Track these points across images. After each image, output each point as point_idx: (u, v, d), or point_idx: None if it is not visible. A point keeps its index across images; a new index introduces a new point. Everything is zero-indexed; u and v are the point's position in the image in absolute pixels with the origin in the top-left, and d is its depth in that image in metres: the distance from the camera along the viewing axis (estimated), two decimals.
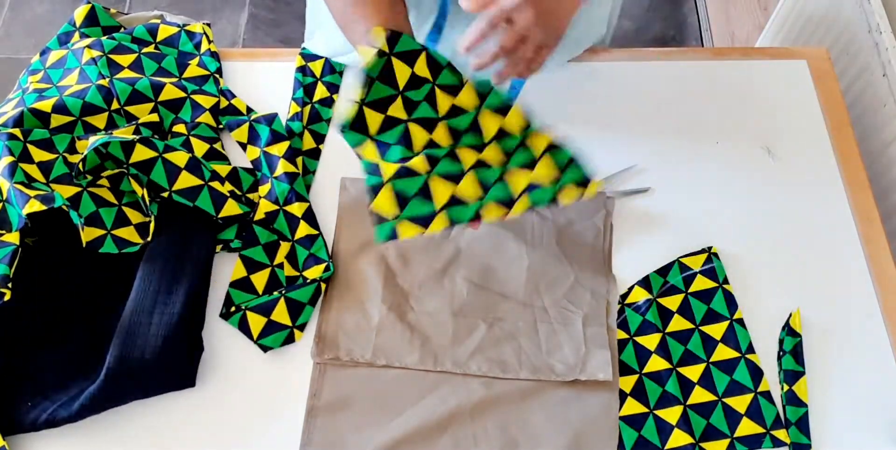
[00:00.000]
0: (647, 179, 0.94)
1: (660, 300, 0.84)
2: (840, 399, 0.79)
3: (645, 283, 0.85)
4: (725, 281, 0.85)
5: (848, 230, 0.90)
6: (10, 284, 0.78)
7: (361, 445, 0.76)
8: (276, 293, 0.83)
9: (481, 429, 0.77)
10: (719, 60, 1.04)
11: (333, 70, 1.02)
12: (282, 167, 0.91)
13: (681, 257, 0.87)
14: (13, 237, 0.81)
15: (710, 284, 0.84)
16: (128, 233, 0.85)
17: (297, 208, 0.88)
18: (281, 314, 0.82)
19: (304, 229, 0.87)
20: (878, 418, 0.78)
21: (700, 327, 0.82)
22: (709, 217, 0.91)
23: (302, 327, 0.83)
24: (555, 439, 0.76)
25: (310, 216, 0.88)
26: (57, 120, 0.90)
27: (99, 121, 0.93)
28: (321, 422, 0.78)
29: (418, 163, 0.74)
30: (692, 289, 0.84)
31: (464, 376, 0.80)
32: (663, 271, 0.86)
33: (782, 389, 0.79)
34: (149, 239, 0.84)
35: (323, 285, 0.84)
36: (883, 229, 0.89)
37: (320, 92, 1.00)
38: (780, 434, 0.76)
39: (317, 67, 1.02)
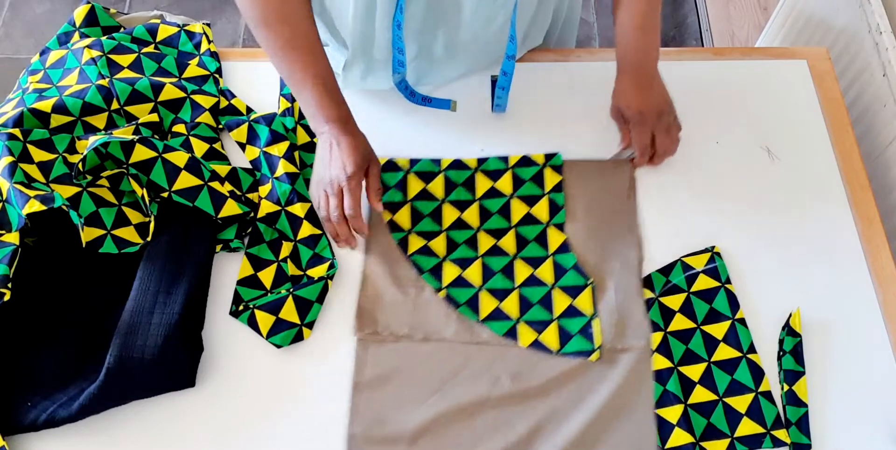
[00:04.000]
0: (646, 178, 0.94)
1: (662, 299, 0.84)
2: (840, 399, 0.79)
3: (647, 282, 0.85)
4: (728, 281, 0.85)
5: (848, 230, 0.90)
6: (10, 284, 0.78)
7: (404, 420, 0.77)
8: (283, 291, 0.83)
9: (521, 396, 0.78)
10: (719, 60, 1.04)
11: None
12: (282, 167, 0.91)
13: (683, 257, 0.87)
14: (13, 237, 0.80)
15: (712, 283, 0.84)
16: (128, 233, 0.85)
17: (299, 209, 0.88)
18: (289, 312, 0.82)
19: (307, 229, 0.87)
20: (878, 418, 0.78)
21: (702, 327, 0.82)
22: (709, 217, 0.91)
23: (310, 325, 0.83)
24: (594, 402, 0.77)
25: (312, 216, 0.88)
26: (57, 120, 0.90)
27: (99, 121, 0.93)
28: (366, 398, 0.79)
29: (439, 245, 0.88)
30: (694, 288, 0.84)
31: (502, 346, 0.82)
32: (665, 271, 0.86)
33: (782, 389, 0.79)
34: (149, 239, 0.84)
35: (330, 283, 0.85)
36: (883, 229, 0.89)
37: None
38: (781, 434, 0.76)
39: None
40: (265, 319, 0.81)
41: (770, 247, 0.88)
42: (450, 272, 0.86)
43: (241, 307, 0.84)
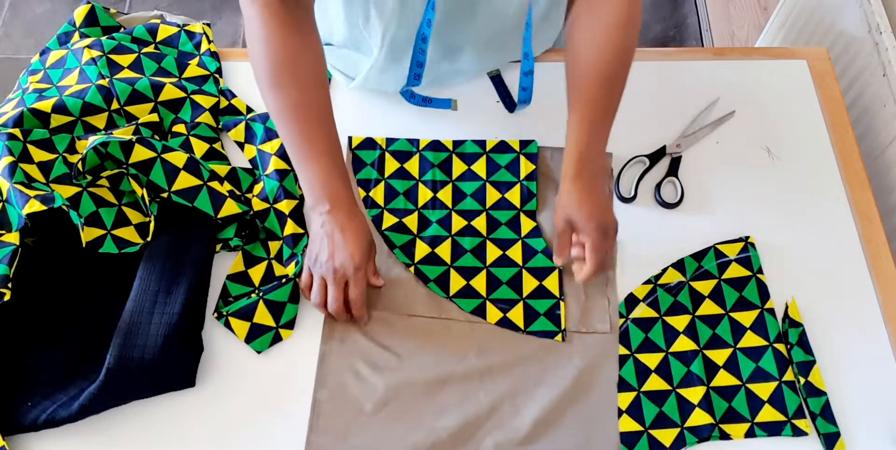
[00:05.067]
0: (646, 178, 0.94)
1: (692, 284, 0.85)
2: (840, 400, 0.78)
3: (679, 266, 0.86)
4: (760, 271, 0.85)
5: (848, 230, 0.90)
6: (10, 285, 0.78)
7: (369, 389, 0.79)
8: (254, 296, 0.83)
9: (486, 372, 0.80)
10: (719, 60, 1.04)
11: None
12: (273, 165, 0.91)
13: (717, 244, 0.87)
14: (13, 237, 0.80)
15: (744, 272, 0.85)
16: (128, 233, 0.85)
17: (285, 206, 0.88)
18: (263, 317, 0.81)
19: (290, 227, 0.87)
20: (878, 418, 0.78)
21: (730, 313, 0.83)
22: (708, 217, 0.91)
23: (288, 325, 0.83)
24: (557, 382, 0.79)
25: (297, 214, 0.88)
26: (57, 120, 0.90)
27: (99, 121, 0.93)
28: (333, 363, 0.80)
29: (412, 223, 0.89)
30: (726, 276, 0.85)
31: (470, 323, 0.83)
32: (698, 256, 0.87)
33: (799, 381, 0.79)
34: (149, 239, 0.84)
35: (299, 281, 0.84)
36: (883, 229, 0.89)
37: None
38: (802, 424, 0.76)
39: None
40: (240, 326, 0.81)
41: (769, 246, 0.88)
42: (421, 249, 0.88)
43: (215, 315, 0.84)
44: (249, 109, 0.99)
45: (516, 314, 0.83)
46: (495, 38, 0.94)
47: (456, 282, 0.86)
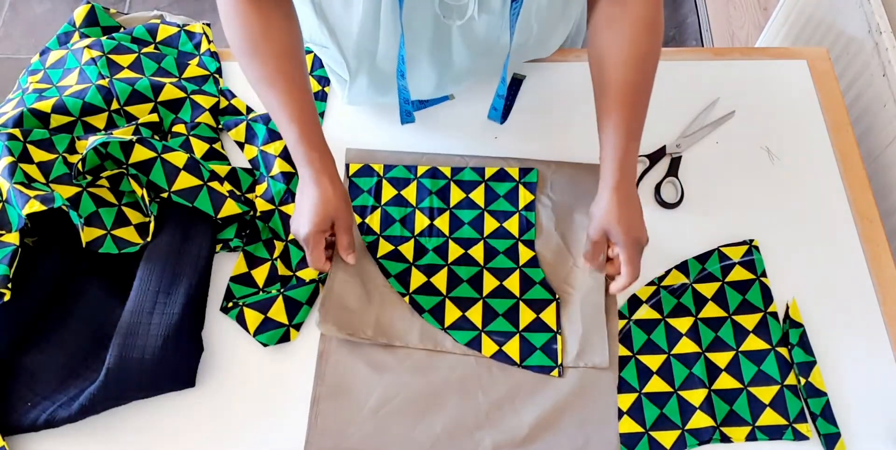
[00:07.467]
0: (646, 178, 0.94)
1: (696, 286, 0.85)
2: (840, 400, 0.78)
3: (682, 268, 0.86)
4: (763, 274, 0.85)
5: (848, 230, 0.90)
6: (9, 285, 0.78)
7: (372, 384, 0.79)
8: (274, 291, 0.83)
9: (487, 375, 0.79)
10: (719, 60, 1.04)
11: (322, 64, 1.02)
12: (278, 166, 0.91)
13: (721, 246, 0.87)
14: (13, 237, 0.80)
15: (747, 275, 0.85)
16: (128, 233, 0.85)
17: (292, 209, 0.88)
18: (278, 312, 0.82)
19: None
20: (877, 418, 0.78)
21: (733, 316, 0.83)
22: (708, 217, 0.91)
23: (298, 327, 0.83)
24: (559, 383, 0.79)
25: None
26: (57, 120, 0.90)
27: (99, 121, 0.93)
28: (333, 359, 0.81)
29: (408, 251, 0.88)
30: (729, 278, 0.85)
31: (465, 356, 0.81)
32: (702, 258, 0.87)
33: (799, 382, 0.79)
34: (149, 239, 0.84)
35: (321, 286, 0.85)
36: (883, 229, 0.89)
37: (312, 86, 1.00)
38: (803, 428, 0.77)
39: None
40: (253, 318, 0.81)
41: (770, 247, 0.88)
42: (417, 278, 0.86)
43: (230, 304, 0.84)
44: (249, 109, 0.99)
45: (512, 347, 0.81)
46: (477, 67, 0.93)
47: (451, 313, 0.84)
